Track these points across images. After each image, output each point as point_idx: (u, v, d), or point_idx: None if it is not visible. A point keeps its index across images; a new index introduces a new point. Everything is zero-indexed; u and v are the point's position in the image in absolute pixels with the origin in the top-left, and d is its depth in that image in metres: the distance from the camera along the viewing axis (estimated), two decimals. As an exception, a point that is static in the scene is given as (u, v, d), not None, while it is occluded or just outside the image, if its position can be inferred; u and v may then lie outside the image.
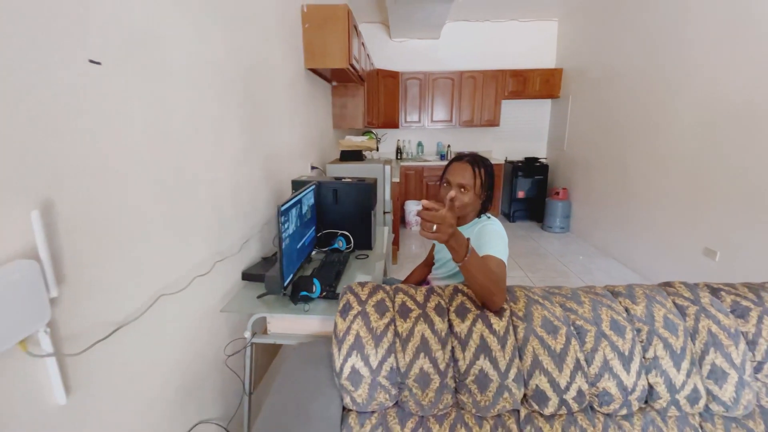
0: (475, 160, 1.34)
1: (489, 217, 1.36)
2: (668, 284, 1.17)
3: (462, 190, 1.31)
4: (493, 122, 5.17)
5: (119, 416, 0.90)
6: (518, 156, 5.35)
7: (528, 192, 5.02)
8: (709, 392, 1.01)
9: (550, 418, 1.01)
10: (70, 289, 0.75)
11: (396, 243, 3.84)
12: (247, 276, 1.52)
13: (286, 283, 1.32)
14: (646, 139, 3.37)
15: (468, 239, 0.99)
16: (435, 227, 0.90)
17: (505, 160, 5.26)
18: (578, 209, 4.57)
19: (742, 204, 2.45)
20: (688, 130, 2.90)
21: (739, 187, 2.47)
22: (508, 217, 5.26)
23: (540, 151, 5.45)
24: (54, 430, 0.73)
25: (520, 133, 5.46)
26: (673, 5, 3.05)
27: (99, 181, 0.83)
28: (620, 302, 1.09)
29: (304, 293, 1.31)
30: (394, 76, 4.96)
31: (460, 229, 1.36)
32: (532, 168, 5.00)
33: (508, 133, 5.46)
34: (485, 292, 1.02)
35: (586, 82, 4.39)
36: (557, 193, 4.71)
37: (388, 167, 3.14)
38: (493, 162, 5.02)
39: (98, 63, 0.83)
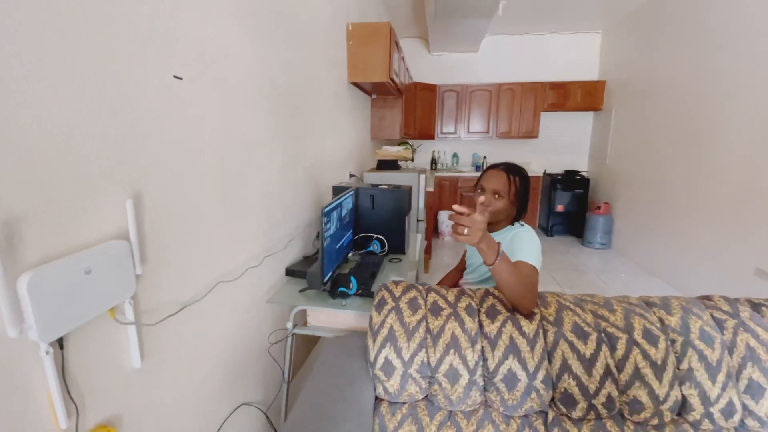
0: (510, 168, 1.38)
1: (522, 225, 1.40)
2: (707, 297, 1.15)
3: (496, 196, 1.35)
4: (532, 134, 5.12)
5: (181, 385, 1.02)
6: (557, 169, 5.25)
7: (567, 206, 4.90)
8: (745, 407, 0.99)
9: (578, 422, 1.02)
10: (151, 268, 0.88)
11: (428, 252, 3.88)
12: (290, 272, 1.64)
13: (326, 279, 1.42)
14: (694, 152, 3.23)
15: (498, 243, 1.03)
16: (466, 230, 0.96)
17: (544, 173, 5.18)
18: (621, 225, 4.41)
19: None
20: (740, 143, 2.76)
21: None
22: (546, 231, 5.14)
23: (581, 164, 5.32)
24: (130, 389, 0.85)
25: (559, 145, 5.36)
26: (723, 15, 2.94)
27: (176, 178, 0.96)
28: (654, 312, 1.09)
29: (342, 289, 1.40)
30: (431, 88, 5.05)
31: (493, 235, 1.40)
32: (572, 181, 4.89)
33: (547, 146, 5.37)
34: (516, 296, 1.06)
35: (631, 95, 4.26)
36: (599, 208, 4.57)
37: (422, 176, 3.22)
38: (530, 174, 4.98)
39: (180, 78, 0.97)
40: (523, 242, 1.25)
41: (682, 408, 1.01)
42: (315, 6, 2.00)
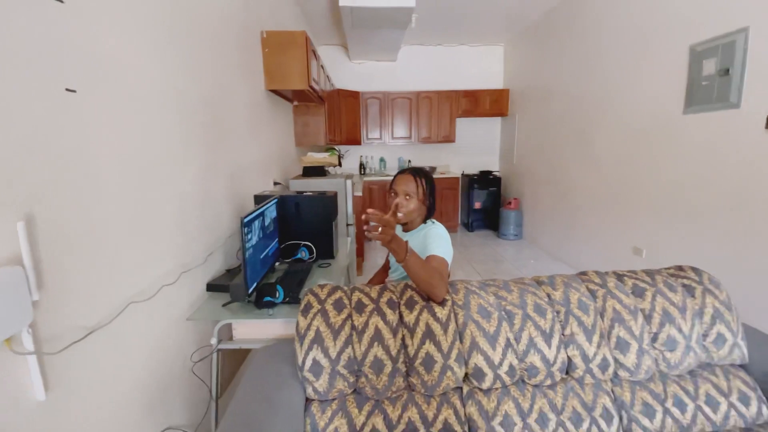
0: (417, 172, 1.52)
1: (434, 222, 1.54)
2: (584, 273, 1.38)
3: (407, 197, 1.48)
4: (450, 138, 5.49)
5: (93, 415, 0.96)
6: (474, 170, 5.69)
7: (484, 203, 5.34)
8: (616, 360, 1.21)
9: (487, 392, 1.17)
10: (49, 293, 0.83)
11: (361, 255, 3.96)
12: (211, 287, 1.59)
13: (250, 290, 1.41)
14: (580, 150, 3.75)
15: (407, 242, 1.14)
16: (380, 229, 1.05)
17: (462, 174, 5.58)
18: (529, 217, 4.93)
19: (660, 207, 2.80)
20: (613, 144, 3.28)
21: (655, 192, 2.83)
22: (467, 226, 5.54)
23: (493, 164, 5.83)
24: (33, 424, 0.79)
25: (474, 148, 5.82)
26: (594, 36, 3.47)
27: (74, 196, 0.91)
28: (543, 289, 1.28)
29: (268, 299, 1.41)
30: (354, 95, 5.17)
31: (409, 234, 1.53)
32: (486, 180, 5.34)
33: (463, 149, 5.81)
34: (427, 287, 1.18)
35: (530, 101, 4.80)
36: (509, 203, 5.05)
37: (349, 181, 3.29)
38: (450, 176, 5.33)
39: (74, 90, 0.92)
40: (434, 238, 1.38)
41: (569, 367, 1.20)
42: (226, 14, 1.97)
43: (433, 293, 1.17)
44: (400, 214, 1.48)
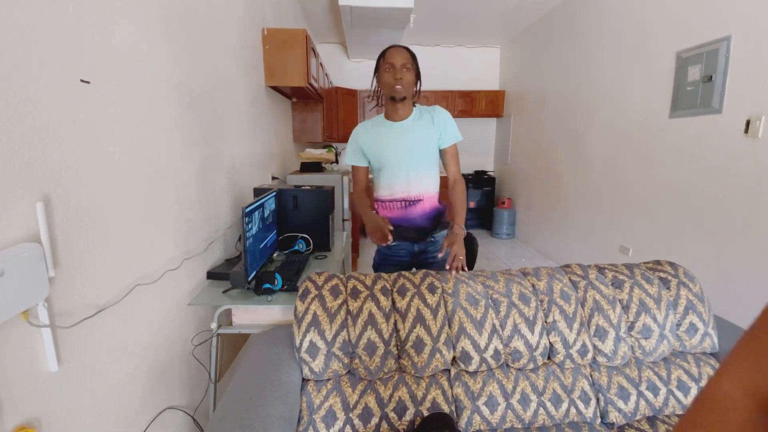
0: (404, 46, 1.51)
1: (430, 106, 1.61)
2: (567, 266, 1.45)
3: (405, 69, 1.46)
4: (445, 138, 5.55)
5: (100, 390, 1.01)
6: (468, 169, 5.77)
7: (478, 202, 5.43)
8: (595, 347, 1.28)
9: (473, 375, 1.24)
10: (63, 271, 0.88)
11: (356, 250, 4.02)
12: (211, 275, 1.65)
13: (250, 278, 1.47)
14: (572, 152, 3.84)
15: (462, 234, 1.44)
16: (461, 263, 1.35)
17: (457, 173, 5.65)
18: (521, 217, 5.01)
19: (646, 207, 2.89)
20: (603, 147, 3.37)
21: (641, 193, 2.92)
22: (461, 226, 5.61)
23: (488, 164, 5.92)
24: (48, 392, 0.84)
25: (469, 148, 5.89)
26: (587, 41, 3.56)
27: (87, 181, 0.96)
28: (528, 280, 1.35)
29: (267, 285, 1.47)
30: (352, 94, 5.22)
31: (408, 122, 1.60)
32: (481, 180, 5.42)
33: (459, 148, 5.86)
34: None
35: (525, 103, 4.89)
36: (503, 203, 5.14)
37: (346, 178, 3.36)
38: (445, 175, 5.38)
39: (87, 82, 0.98)
40: (450, 123, 1.61)
41: (550, 353, 1.27)
42: (229, 11, 2.03)
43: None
44: (398, 87, 1.46)
